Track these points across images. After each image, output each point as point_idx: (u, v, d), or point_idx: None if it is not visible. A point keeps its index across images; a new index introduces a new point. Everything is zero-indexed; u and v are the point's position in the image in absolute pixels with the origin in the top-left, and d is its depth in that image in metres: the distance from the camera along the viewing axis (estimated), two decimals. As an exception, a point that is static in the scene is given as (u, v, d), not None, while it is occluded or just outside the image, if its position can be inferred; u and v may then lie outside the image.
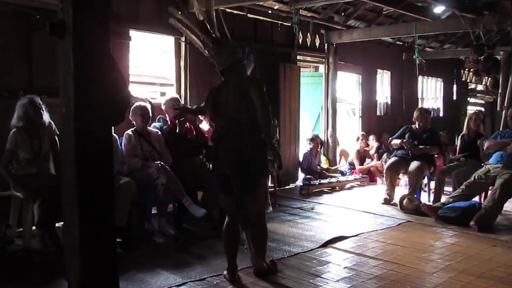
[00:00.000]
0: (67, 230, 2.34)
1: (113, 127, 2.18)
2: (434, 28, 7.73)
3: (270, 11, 6.99)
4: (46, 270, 3.76)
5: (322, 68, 8.93)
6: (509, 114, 5.90)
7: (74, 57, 2.01)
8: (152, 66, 9.35)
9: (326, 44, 8.44)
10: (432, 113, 11.45)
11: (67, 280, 2.31)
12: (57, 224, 4.24)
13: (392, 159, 6.77)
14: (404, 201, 6.17)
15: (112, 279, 2.28)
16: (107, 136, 2.18)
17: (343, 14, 8.14)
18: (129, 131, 4.93)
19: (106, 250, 2.21)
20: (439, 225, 5.41)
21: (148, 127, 5.08)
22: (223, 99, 3.59)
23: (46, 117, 4.36)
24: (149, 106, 5.11)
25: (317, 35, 8.09)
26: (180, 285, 3.51)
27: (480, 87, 13.58)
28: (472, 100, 13.77)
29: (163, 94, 7.99)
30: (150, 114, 5.05)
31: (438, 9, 7.68)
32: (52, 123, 4.43)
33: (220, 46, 3.67)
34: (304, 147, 8.09)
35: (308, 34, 7.76)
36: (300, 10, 6.97)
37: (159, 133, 5.18)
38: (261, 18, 7.01)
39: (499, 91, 6.86)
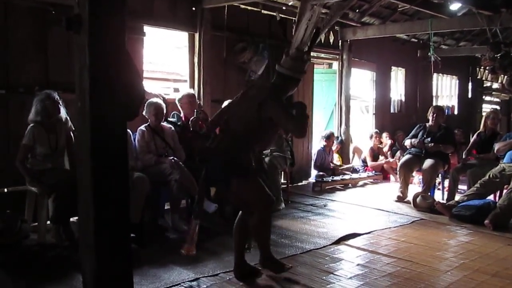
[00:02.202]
0: (82, 226, 2.36)
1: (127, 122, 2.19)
2: (450, 25, 7.64)
3: (284, 7, 6.97)
4: (61, 264, 3.79)
5: (335, 65, 8.88)
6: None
7: (90, 52, 2.02)
8: (166, 62, 9.38)
9: (340, 41, 8.40)
10: (446, 111, 11.40)
11: (82, 274, 2.33)
12: (71, 219, 4.29)
13: (406, 156, 6.74)
14: (418, 199, 6.14)
15: (126, 274, 2.29)
16: (122, 131, 2.19)
17: (357, 11, 8.08)
18: (143, 127, 4.95)
19: (120, 245, 2.23)
20: (453, 224, 5.37)
21: (162, 123, 5.09)
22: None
23: (63, 112, 4.41)
24: (163, 104, 5.13)
25: (331, 32, 8.05)
26: (193, 280, 3.52)
27: (495, 85, 13.41)
28: (487, 98, 13.60)
29: (176, 90, 8.00)
30: (164, 112, 5.06)
31: (454, 6, 7.58)
32: (69, 118, 4.48)
33: (303, 58, 3.61)
34: (317, 144, 8.07)
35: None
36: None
37: (173, 129, 5.19)
38: (275, 14, 6.99)
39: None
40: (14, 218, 4.04)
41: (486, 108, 13.19)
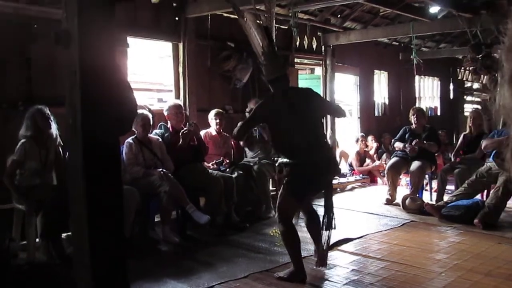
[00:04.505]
0: (76, 243, 2.31)
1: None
2: (431, 28, 7.73)
3: (267, 15, 6.96)
4: (54, 283, 3.73)
5: (318, 70, 8.92)
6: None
7: (81, 67, 1.99)
8: (149, 72, 9.31)
9: (323, 46, 8.43)
10: (430, 112, 11.53)
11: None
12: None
13: (393, 159, 6.78)
14: (407, 201, 6.17)
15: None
16: (115, 147, 2.15)
17: (339, 16, 8.14)
18: (130, 139, 4.90)
19: (117, 262, 2.18)
20: (444, 224, 5.41)
21: (149, 135, 5.05)
22: (290, 110, 3.66)
23: (54, 128, 4.35)
24: (149, 114, 5.09)
25: (314, 38, 8.08)
26: (188, 293, 3.48)
27: (476, 85, 13.60)
28: (468, 98, 13.78)
29: (160, 100, 7.96)
30: (151, 123, 5.02)
31: (434, 9, 7.68)
32: (58, 134, 4.42)
33: (275, 56, 3.79)
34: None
35: (305, 36, 7.74)
36: (297, 13, 6.95)
37: (160, 140, 5.15)
38: (258, 22, 6.99)
39: (498, 89, 6.85)
40: (1, 237, 3.96)
41: (468, 108, 13.36)
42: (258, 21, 3.91)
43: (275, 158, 6.33)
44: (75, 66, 1.98)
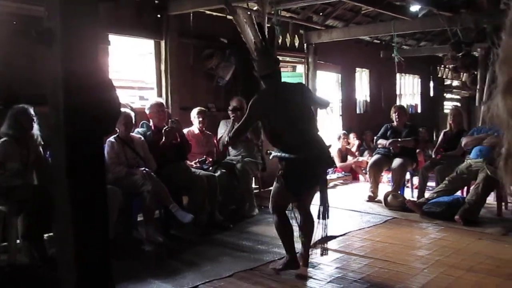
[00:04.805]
0: (60, 244, 2.28)
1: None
2: (412, 26, 7.80)
3: (249, 12, 6.95)
4: (37, 285, 3.67)
5: (300, 68, 8.93)
6: (485, 109, 6.01)
7: (63, 66, 1.96)
8: (130, 69, 9.21)
9: (305, 44, 8.44)
10: (410, 109, 11.64)
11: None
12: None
13: (375, 156, 6.83)
14: (389, 198, 6.22)
15: (108, 291, 2.23)
16: (99, 147, 2.13)
17: (321, 14, 8.16)
18: (112, 138, 4.84)
19: (102, 262, 2.16)
20: (425, 221, 5.47)
21: (131, 133, 5.01)
22: (284, 104, 3.70)
23: (36, 128, 4.26)
24: (131, 113, 5.04)
25: (296, 36, 8.09)
26: (173, 293, 3.46)
27: (456, 83, 13.78)
28: (448, 95, 13.97)
29: (141, 98, 7.88)
30: (133, 122, 4.98)
31: (414, 8, 7.76)
32: (39, 134, 4.33)
33: (268, 52, 3.87)
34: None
35: (287, 34, 7.75)
36: (280, 11, 6.95)
37: (143, 139, 5.11)
38: (251, 18, 6.98)
39: (477, 87, 6.97)
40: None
41: (448, 105, 13.53)
42: (250, 18, 3.95)
43: (269, 151, 6.36)
44: (57, 66, 1.95)
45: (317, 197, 3.91)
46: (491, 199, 5.77)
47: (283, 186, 3.73)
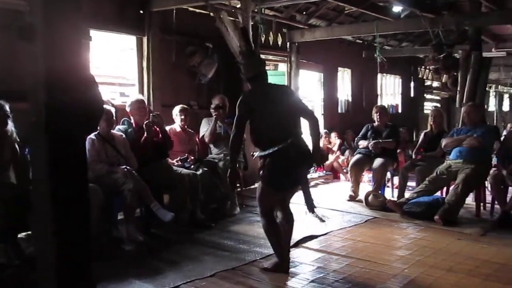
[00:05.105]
0: (39, 243, 2.23)
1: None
2: (395, 27, 7.86)
3: (233, 10, 6.92)
4: (13, 285, 3.58)
5: (282, 66, 8.94)
6: (465, 110, 6.08)
7: (45, 62, 1.91)
8: (111, 65, 9.09)
9: (288, 43, 8.44)
10: (391, 109, 11.74)
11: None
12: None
13: (356, 156, 6.86)
14: (370, 198, 6.26)
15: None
16: (81, 145, 2.08)
17: (305, 13, 8.17)
18: (92, 135, 4.74)
19: (82, 262, 2.12)
20: (405, 221, 5.51)
21: (112, 131, 4.93)
22: (270, 104, 3.77)
23: (10, 124, 4.15)
24: (112, 109, 4.98)
25: (279, 34, 8.08)
26: (154, 293, 3.42)
27: (436, 84, 13.94)
28: (428, 96, 14.12)
29: (122, 94, 7.79)
30: (114, 118, 4.91)
31: (397, 8, 7.82)
32: (14, 130, 4.22)
33: (253, 54, 3.95)
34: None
35: (271, 33, 7.74)
36: (263, 9, 6.93)
37: (124, 136, 5.04)
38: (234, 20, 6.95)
39: (458, 88, 7.04)
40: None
41: (428, 105, 13.69)
42: (234, 22, 3.97)
43: (253, 153, 6.36)
44: (39, 62, 1.90)
45: (300, 195, 3.95)
46: (470, 199, 5.84)
47: (266, 184, 3.76)
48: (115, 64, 8.87)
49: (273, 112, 3.75)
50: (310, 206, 3.91)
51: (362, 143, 6.81)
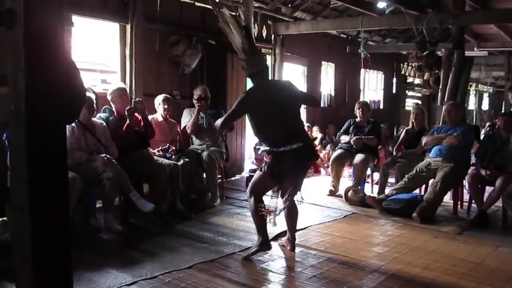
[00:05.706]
0: (15, 231, 2.18)
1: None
2: (379, 23, 7.89)
3: (218, 0, 6.86)
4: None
5: (267, 59, 8.91)
6: (445, 109, 6.14)
7: (26, 50, 1.85)
8: (92, 52, 8.97)
9: (273, 35, 8.42)
10: (373, 105, 11.81)
11: (16, 285, 2.16)
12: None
13: (338, 151, 6.89)
14: (349, 193, 6.30)
15: (66, 282, 2.16)
16: (62, 135, 2.03)
17: (290, 5, 8.14)
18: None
19: (60, 251, 2.08)
20: (384, 217, 5.56)
21: (92, 118, 4.86)
22: (272, 100, 3.90)
23: None
24: (93, 96, 4.90)
25: (264, 26, 8.05)
26: (131, 284, 3.37)
27: (418, 81, 14.04)
28: (410, 93, 14.22)
29: (104, 81, 7.69)
30: (95, 106, 4.84)
31: (381, 4, 7.85)
32: None
33: (254, 50, 4.01)
34: (251, 138, 8.06)
35: (256, 24, 7.69)
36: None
37: (104, 124, 4.97)
38: (209, 7, 6.87)
39: (440, 86, 7.11)
40: None
41: (409, 102, 13.79)
42: (236, 20, 4.00)
43: (257, 147, 6.37)
44: (19, 48, 1.85)
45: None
46: (447, 197, 5.90)
47: (267, 174, 3.96)
48: (97, 51, 8.75)
49: (277, 109, 3.88)
50: (293, 191, 4.02)
51: (344, 138, 6.85)
